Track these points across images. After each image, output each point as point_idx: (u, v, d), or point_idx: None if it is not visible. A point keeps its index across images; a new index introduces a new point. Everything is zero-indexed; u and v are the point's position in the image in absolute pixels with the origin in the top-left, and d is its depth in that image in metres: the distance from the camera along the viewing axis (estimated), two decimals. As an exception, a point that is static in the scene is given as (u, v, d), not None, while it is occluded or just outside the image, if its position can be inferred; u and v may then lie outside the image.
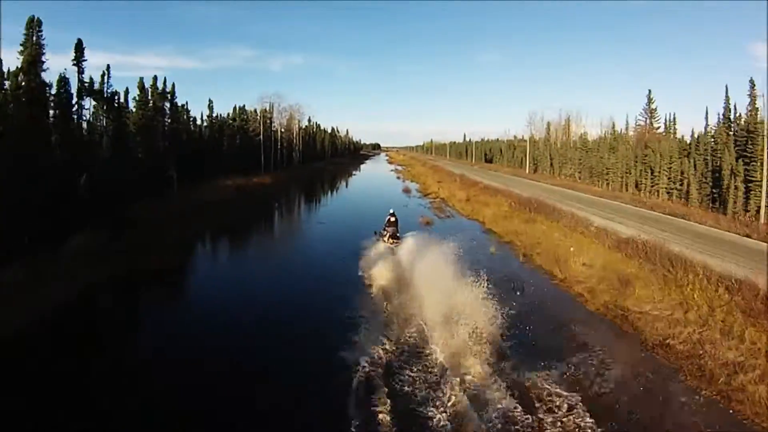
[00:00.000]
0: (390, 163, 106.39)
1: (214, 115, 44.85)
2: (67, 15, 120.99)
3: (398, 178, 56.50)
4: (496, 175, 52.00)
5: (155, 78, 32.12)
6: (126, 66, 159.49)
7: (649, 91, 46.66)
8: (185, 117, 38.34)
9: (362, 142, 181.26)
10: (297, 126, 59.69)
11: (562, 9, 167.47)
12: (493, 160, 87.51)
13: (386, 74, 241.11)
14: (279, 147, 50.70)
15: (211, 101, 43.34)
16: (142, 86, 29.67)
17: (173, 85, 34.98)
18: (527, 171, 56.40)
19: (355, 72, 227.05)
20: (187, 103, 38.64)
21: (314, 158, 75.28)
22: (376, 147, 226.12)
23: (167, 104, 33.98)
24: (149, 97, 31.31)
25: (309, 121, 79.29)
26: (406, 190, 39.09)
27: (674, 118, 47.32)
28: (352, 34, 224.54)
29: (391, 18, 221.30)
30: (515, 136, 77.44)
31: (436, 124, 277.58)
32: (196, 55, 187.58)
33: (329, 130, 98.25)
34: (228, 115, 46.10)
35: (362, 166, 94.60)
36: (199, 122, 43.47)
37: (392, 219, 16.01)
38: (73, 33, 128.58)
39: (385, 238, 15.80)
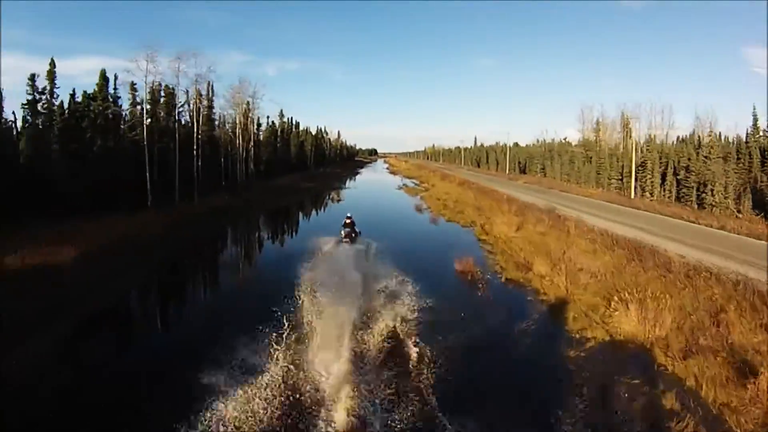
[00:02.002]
0: (392, 173, 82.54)
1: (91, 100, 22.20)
2: (65, 19, 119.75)
3: (419, 210, 31.01)
4: (590, 203, 29.42)
5: None
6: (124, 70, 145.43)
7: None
8: None
9: (357, 147, 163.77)
10: (245, 118, 35.83)
11: (559, 11, 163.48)
12: (526, 170, 67.37)
13: (382, 79, 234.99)
14: (200, 154, 27.49)
15: (52, 61, 20.50)
16: None
17: None
18: (632, 194, 33.93)
19: (350, 77, 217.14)
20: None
21: (288, 168, 52.51)
22: (373, 153, 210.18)
23: None
24: None
25: (281, 115, 56.86)
26: (466, 274, 13.99)
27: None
28: (347, 40, 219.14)
29: (386, 24, 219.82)
30: (543, 140, 64.16)
31: (434, 129, 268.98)
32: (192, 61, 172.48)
33: (314, 131, 75.65)
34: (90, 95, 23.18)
35: (358, 178, 71.70)
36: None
37: (348, 221, 17.50)
38: (70, 36, 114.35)
39: (343, 236, 17.09)
